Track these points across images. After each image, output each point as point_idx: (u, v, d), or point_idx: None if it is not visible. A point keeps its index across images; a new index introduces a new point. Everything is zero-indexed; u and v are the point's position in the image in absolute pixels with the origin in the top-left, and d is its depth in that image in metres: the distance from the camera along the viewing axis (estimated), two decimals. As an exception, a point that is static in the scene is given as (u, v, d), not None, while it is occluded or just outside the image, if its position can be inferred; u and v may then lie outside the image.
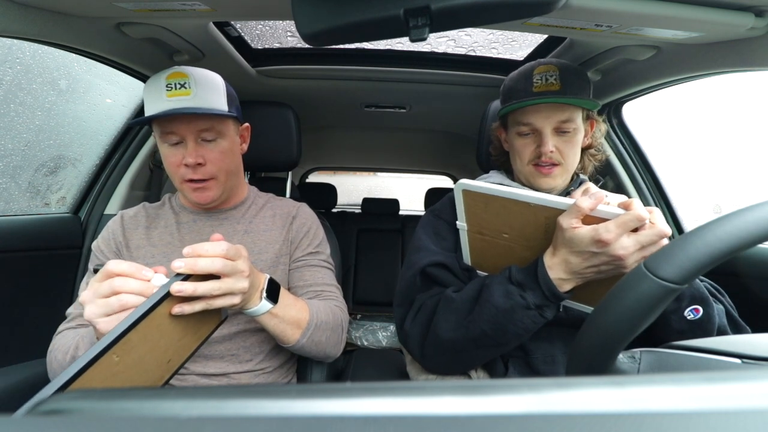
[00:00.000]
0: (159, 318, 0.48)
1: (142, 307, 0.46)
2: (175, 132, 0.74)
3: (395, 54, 1.20)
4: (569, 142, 0.75)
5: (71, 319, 0.76)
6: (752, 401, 0.17)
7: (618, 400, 0.17)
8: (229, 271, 0.55)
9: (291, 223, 0.87)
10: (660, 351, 0.41)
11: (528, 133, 0.76)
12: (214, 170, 0.77)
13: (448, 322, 0.66)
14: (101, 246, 0.81)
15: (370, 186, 4.49)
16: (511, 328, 0.60)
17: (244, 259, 0.59)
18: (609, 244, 0.51)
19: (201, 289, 0.52)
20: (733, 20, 0.66)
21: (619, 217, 0.51)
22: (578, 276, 0.56)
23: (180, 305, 0.51)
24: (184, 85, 0.72)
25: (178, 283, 0.50)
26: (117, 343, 0.42)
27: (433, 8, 0.48)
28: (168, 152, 0.76)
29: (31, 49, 1.08)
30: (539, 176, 0.76)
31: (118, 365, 0.43)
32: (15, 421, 0.16)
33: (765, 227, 0.34)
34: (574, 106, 0.73)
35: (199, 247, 0.54)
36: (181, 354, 0.53)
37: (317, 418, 0.16)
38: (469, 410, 0.16)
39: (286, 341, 0.71)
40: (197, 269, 0.52)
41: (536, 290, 0.58)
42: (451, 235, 0.80)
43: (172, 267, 0.51)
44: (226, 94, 0.78)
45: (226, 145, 0.79)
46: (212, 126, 0.75)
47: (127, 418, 0.17)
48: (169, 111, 0.71)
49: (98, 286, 0.52)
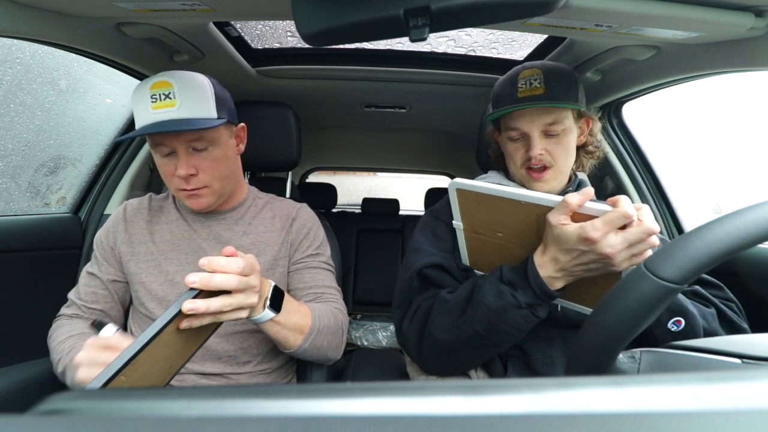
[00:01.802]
0: (167, 334, 0.48)
1: (152, 328, 0.46)
2: (164, 144, 0.73)
3: (395, 54, 1.20)
4: (559, 143, 0.75)
5: (69, 305, 0.81)
6: (752, 401, 0.17)
7: (618, 400, 0.17)
8: (243, 287, 0.54)
9: (291, 224, 0.87)
10: (660, 351, 0.41)
11: (518, 138, 0.77)
12: (207, 179, 0.76)
13: (443, 323, 0.66)
14: (101, 237, 0.83)
15: (370, 186, 4.49)
16: (503, 327, 0.60)
17: (257, 273, 0.58)
18: (596, 242, 0.51)
19: (213, 307, 0.51)
20: (733, 20, 0.66)
21: (606, 214, 0.51)
22: (568, 274, 0.56)
23: (188, 320, 0.50)
24: (169, 96, 0.70)
25: (190, 301, 0.49)
26: (126, 367, 0.43)
27: (433, 8, 0.48)
28: (161, 162, 0.76)
29: (31, 49, 1.08)
30: (532, 180, 0.77)
31: (125, 384, 0.43)
32: (15, 421, 0.16)
33: (765, 227, 0.34)
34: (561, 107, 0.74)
35: (215, 262, 0.53)
36: (182, 358, 0.53)
37: (317, 418, 0.16)
38: (469, 410, 0.16)
39: (288, 347, 0.71)
40: (212, 286, 0.51)
41: (527, 289, 0.58)
42: (450, 235, 0.80)
43: (186, 282, 0.51)
44: (214, 98, 0.74)
45: (219, 152, 0.77)
46: (201, 135, 0.73)
47: (127, 418, 0.17)
48: (153, 128, 0.69)
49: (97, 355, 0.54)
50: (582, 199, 0.52)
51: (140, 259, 0.80)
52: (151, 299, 0.78)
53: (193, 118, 0.71)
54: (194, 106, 0.72)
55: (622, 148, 1.26)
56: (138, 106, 0.71)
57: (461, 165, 2.46)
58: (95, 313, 0.80)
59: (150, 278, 0.79)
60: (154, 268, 0.79)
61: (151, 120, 0.70)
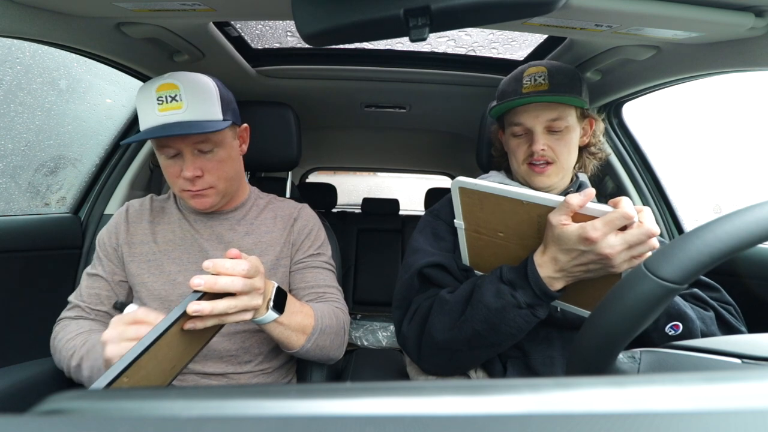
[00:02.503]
0: (170, 336, 0.48)
1: (156, 329, 0.46)
2: (170, 146, 0.73)
3: (395, 54, 1.20)
4: (561, 140, 0.75)
5: (71, 307, 0.79)
6: (752, 401, 0.17)
7: (618, 400, 0.17)
8: (248, 290, 0.55)
9: (292, 225, 0.87)
10: (660, 351, 0.41)
11: (521, 134, 0.78)
12: (212, 180, 0.76)
13: (442, 323, 0.66)
14: (104, 238, 0.83)
15: (370, 186, 4.49)
16: (503, 327, 0.60)
17: (261, 275, 0.58)
18: (596, 242, 0.51)
19: (218, 309, 0.51)
20: (733, 20, 0.66)
21: (606, 215, 0.51)
22: (568, 274, 0.56)
23: (192, 321, 0.51)
24: (176, 98, 0.70)
25: (195, 302, 0.49)
26: (129, 368, 0.43)
27: (433, 8, 0.48)
28: (166, 163, 0.76)
29: (31, 49, 1.08)
30: (534, 175, 0.77)
31: (127, 384, 0.43)
32: (15, 421, 0.16)
33: (765, 227, 0.34)
34: (565, 104, 0.74)
35: (219, 264, 0.53)
36: (184, 359, 0.53)
37: (317, 418, 0.16)
38: (469, 410, 0.16)
39: (291, 347, 0.71)
40: (217, 289, 0.52)
41: (527, 289, 0.58)
42: (450, 235, 0.80)
43: (191, 284, 0.51)
44: (219, 100, 0.75)
45: (224, 154, 0.77)
46: (208, 138, 0.74)
47: (127, 418, 0.17)
48: (161, 131, 0.68)
49: (124, 330, 0.54)
50: (583, 199, 0.52)
51: (142, 260, 0.80)
52: (153, 299, 0.78)
53: (200, 120, 0.71)
54: (201, 109, 0.72)
55: (623, 148, 1.26)
56: (143, 107, 0.71)
57: (461, 165, 2.46)
58: (99, 315, 0.79)
59: (152, 278, 0.79)
60: (155, 268, 0.79)
61: (158, 122, 0.70)
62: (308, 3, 0.52)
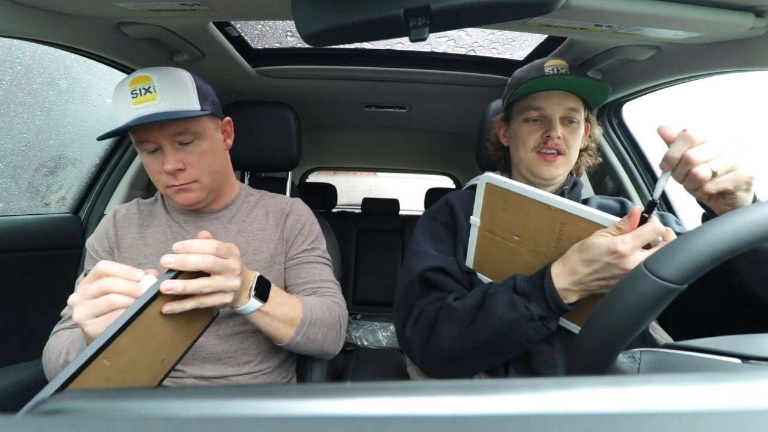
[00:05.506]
0: (149, 319, 0.48)
1: (132, 308, 0.46)
2: (149, 140, 0.71)
3: (395, 54, 1.20)
4: (574, 133, 0.75)
5: (66, 319, 0.76)
6: (752, 401, 0.17)
7: (618, 400, 0.17)
8: (220, 268, 0.55)
9: (285, 220, 0.86)
10: (660, 351, 0.41)
11: (536, 119, 0.76)
12: (195, 173, 0.75)
13: (450, 332, 0.65)
14: (95, 245, 0.81)
15: (370, 186, 4.49)
16: (514, 339, 0.60)
17: (236, 257, 0.58)
18: (624, 256, 0.50)
19: (191, 287, 0.51)
20: (733, 20, 0.66)
21: (637, 229, 0.51)
22: (584, 288, 0.55)
23: (170, 304, 0.50)
24: (149, 90, 0.68)
25: (168, 281, 0.49)
26: (107, 347, 0.42)
27: (433, 8, 0.48)
28: (147, 160, 0.74)
29: (31, 49, 1.08)
30: (543, 164, 0.75)
31: (110, 369, 0.43)
32: (15, 421, 0.16)
33: (765, 227, 0.34)
34: (580, 99, 0.74)
35: (189, 244, 0.53)
36: (174, 353, 0.52)
37: (317, 418, 0.16)
38: (469, 410, 0.16)
39: (280, 339, 0.70)
40: (187, 265, 0.52)
41: (541, 301, 0.57)
42: (449, 237, 0.79)
43: (161, 262, 0.51)
44: (196, 91, 0.73)
45: (206, 145, 0.76)
46: (186, 128, 0.72)
47: (127, 418, 0.17)
48: (134, 121, 0.67)
49: (87, 287, 0.51)
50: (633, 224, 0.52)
51: (134, 263, 0.79)
52: None
53: (175, 110, 0.70)
54: (176, 99, 0.70)
55: (622, 148, 1.26)
56: (119, 104, 0.70)
57: (461, 165, 2.46)
58: None
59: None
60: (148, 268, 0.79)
61: (133, 116, 0.68)
62: (308, 3, 0.52)
